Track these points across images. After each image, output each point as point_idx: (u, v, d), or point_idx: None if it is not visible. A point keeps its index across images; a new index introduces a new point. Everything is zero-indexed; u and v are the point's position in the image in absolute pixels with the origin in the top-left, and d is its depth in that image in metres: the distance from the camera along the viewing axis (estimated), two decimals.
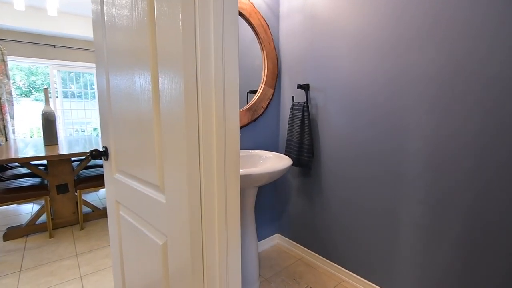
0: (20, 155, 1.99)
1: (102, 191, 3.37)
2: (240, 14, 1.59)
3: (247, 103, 1.72)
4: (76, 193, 2.36)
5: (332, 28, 1.50)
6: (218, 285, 0.70)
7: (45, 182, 2.33)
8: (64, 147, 2.48)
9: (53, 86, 4.47)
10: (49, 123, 2.49)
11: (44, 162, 2.77)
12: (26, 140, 3.07)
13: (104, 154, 1.03)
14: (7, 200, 2.01)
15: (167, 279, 0.77)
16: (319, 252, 1.74)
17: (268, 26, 1.72)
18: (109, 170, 1.04)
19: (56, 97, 4.51)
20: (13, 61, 4.00)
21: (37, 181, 2.32)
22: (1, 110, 3.47)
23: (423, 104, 1.19)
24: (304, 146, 1.62)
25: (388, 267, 1.40)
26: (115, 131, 0.95)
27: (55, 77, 4.50)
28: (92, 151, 1.00)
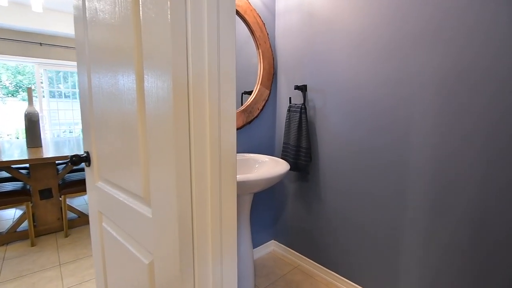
0: (1, 158, 1.86)
1: None
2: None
3: (242, 104, 1.64)
4: (60, 198, 2.24)
5: (331, 27, 1.44)
6: None
7: (27, 187, 2.20)
8: (50, 149, 2.35)
9: (39, 85, 4.30)
10: (32, 124, 2.36)
11: (27, 165, 2.63)
12: (11, 141, 2.92)
13: (86, 159, 0.94)
14: None
15: None
16: (316, 259, 1.67)
17: (264, 24, 1.65)
18: (91, 177, 0.95)
19: (43, 97, 4.34)
20: None
21: (19, 185, 2.19)
22: None
23: (429, 107, 1.13)
24: (302, 150, 1.55)
25: (389, 276, 1.34)
26: (98, 134, 0.86)
27: (42, 76, 4.34)
28: (72, 156, 0.91)
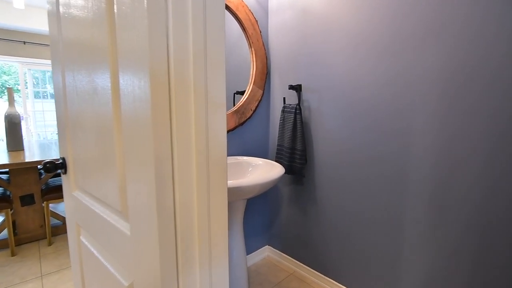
0: None
1: None
2: (226, 7, 1.44)
3: (234, 105, 1.57)
4: (43, 204, 2.12)
5: (327, 25, 1.38)
6: None
7: (7, 193, 2.08)
8: (34, 152, 2.24)
9: (23, 86, 4.14)
10: (13, 126, 2.23)
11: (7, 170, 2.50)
12: None
13: (62, 166, 0.85)
14: None
15: None
16: (312, 266, 1.61)
17: (257, 21, 1.58)
18: (68, 185, 0.86)
19: (27, 98, 4.18)
20: None
21: None
22: None
23: (427, 105, 1.08)
24: (297, 152, 1.49)
25: (389, 283, 1.28)
26: (74, 139, 0.78)
27: (26, 76, 4.17)
28: (46, 163, 0.82)
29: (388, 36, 1.16)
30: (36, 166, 2.07)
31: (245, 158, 1.50)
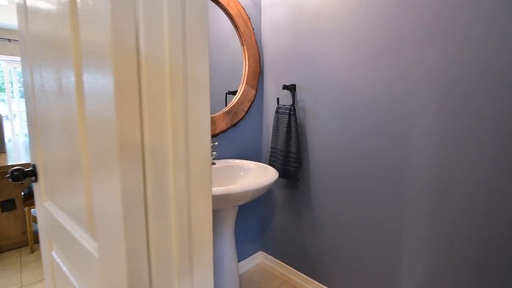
0: None
1: None
2: (216, 2, 1.37)
3: (226, 105, 1.50)
4: (26, 210, 2.01)
5: (322, 22, 1.32)
6: None
7: None
8: (20, 154, 2.13)
9: (8, 84, 3.99)
10: None
11: None
12: None
13: (32, 174, 0.77)
14: None
15: None
16: (307, 272, 1.55)
17: (249, 18, 1.51)
18: (39, 195, 0.78)
19: (12, 97, 4.04)
20: None
21: None
22: None
23: (428, 109, 1.03)
24: (291, 155, 1.42)
25: None
26: (43, 143, 0.70)
27: (11, 75, 4.03)
28: (13, 170, 0.74)
29: (387, 35, 1.10)
30: None
31: (236, 161, 1.43)
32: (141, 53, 0.37)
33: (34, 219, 2.12)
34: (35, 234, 2.11)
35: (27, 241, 2.07)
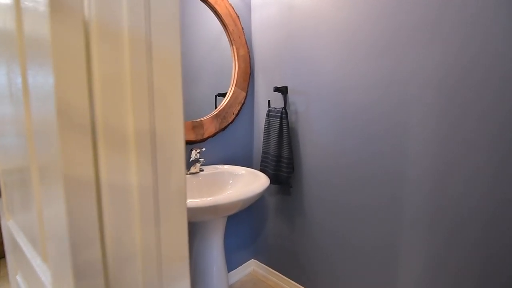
0: None
1: None
2: (203, 0, 1.30)
3: (216, 107, 1.43)
4: None
5: (315, 21, 1.26)
6: None
7: None
8: None
9: None
10: None
11: None
12: None
13: None
14: None
15: None
16: (301, 281, 1.49)
17: (238, 16, 1.45)
18: (2, 212, 0.70)
19: None
20: None
21: None
22: None
23: (429, 113, 0.98)
24: (283, 160, 1.36)
25: None
26: (2, 152, 0.62)
27: None
28: None
29: (384, 36, 1.06)
30: None
31: (226, 167, 1.36)
32: (89, 19, 0.29)
33: None
34: None
35: (3, 253, 1.95)
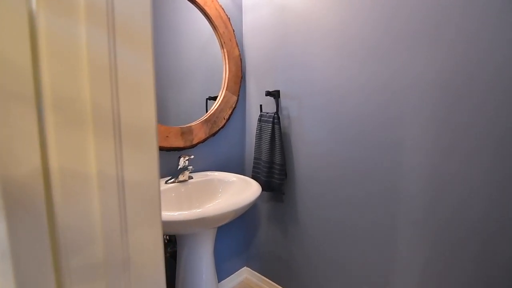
0: None
1: None
2: (192, 1, 1.25)
3: (207, 111, 1.38)
4: None
5: (308, 24, 1.22)
6: None
7: None
8: None
9: None
10: None
11: None
12: None
13: None
14: None
15: None
16: None
17: (229, 18, 1.40)
18: None
19: None
20: None
21: None
22: None
23: (420, 113, 0.95)
24: (275, 167, 1.32)
25: None
26: None
27: None
28: None
29: (377, 37, 1.02)
30: None
31: (216, 174, 1.31)
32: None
33: None
34: None
35: None
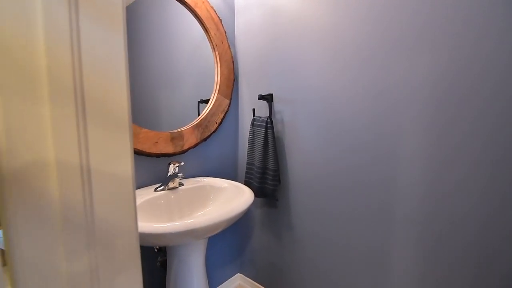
0: None
1: None
2: (182, 2, 1.21)
3: (199, 114, 1.34)
4: None
5: (301, 26, 1.19)
6: None
7: None
8: None
9: None
10: None
11: None
12: None
13: None
14: None
15: None
16: None
17: (221, 20, 1.37)
18: None
19: None
20: None
21: None
22: None
23: (419, 123, 0.93)
24: (269, 172, 1.29)
25: None
26: None
27: None
28: None
29: (371, 41, 1.00)
30: None
31: (207, 180, 1.27)
32: None
33: None
34: None
35: None
